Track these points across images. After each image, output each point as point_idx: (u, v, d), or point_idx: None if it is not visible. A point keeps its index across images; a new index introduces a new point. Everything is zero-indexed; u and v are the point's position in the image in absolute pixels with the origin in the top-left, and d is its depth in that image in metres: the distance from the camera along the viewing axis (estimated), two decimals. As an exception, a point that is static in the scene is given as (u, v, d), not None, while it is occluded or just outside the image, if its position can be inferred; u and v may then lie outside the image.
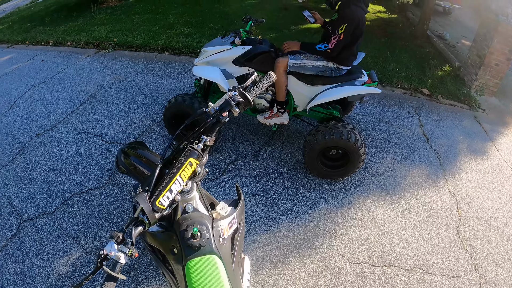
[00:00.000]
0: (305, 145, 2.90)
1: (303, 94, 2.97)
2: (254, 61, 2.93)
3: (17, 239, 2.75)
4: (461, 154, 3.64)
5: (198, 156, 1.13)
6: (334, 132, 2.69)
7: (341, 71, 2.83)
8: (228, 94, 1.21)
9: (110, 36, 6.44)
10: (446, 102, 4.58)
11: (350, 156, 2.80)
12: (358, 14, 2.56)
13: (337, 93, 2.77)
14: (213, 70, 2.94)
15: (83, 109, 4.25)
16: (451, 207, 2.96)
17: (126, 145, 1.80)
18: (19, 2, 13.33)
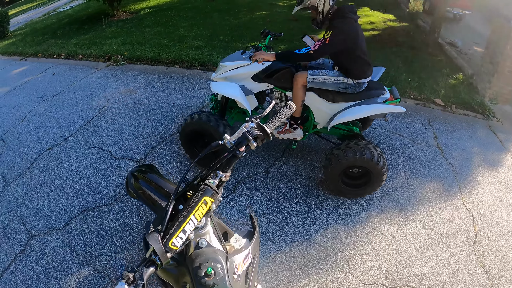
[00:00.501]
0: (330, 159, 2.78)
1: (324, 111, 2.91)
2: (274, 77, 2.88)
3: (26, 254, 2.76)
4: (477, 166, 3.54)
5: (213, 194, 1.09)
6: (366, 152, 2.62)
7: (362, 86, 2.77)
8: (245, 125, 1.15)
9: (121, 49, 6.51)
10: (459, 112, 4.47)
11: (373, 178, 2.74)
12: (344, 24, 2.52)
13: (360, 112, 2.70)
14: (232, 86, 2.89)
15: (93, 124, 4.27)
16: (467, 223, 2.87)
17: (136, 168, 1.78)
18: (32, 15, 13.65)
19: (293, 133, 3.01)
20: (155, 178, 1.65)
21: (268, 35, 3.27)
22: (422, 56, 6.10)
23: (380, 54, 5.98)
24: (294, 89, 2.80)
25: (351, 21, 2.56)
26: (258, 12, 8.81)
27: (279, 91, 2.98)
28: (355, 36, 2.58)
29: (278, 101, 3.04)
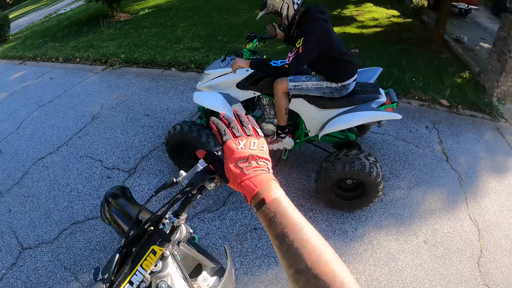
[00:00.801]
0: (320, 172, 2.64)
1: (315, 119, 2.74)
2: (259, 84, 2.72)
3: (17, 268, 2.72)
4: (484, 173, 3.35)
5: (162, 242, 0.96)
6: (355, 164, 2.44)
7: (348, 87, 2.57)
8: (199, 164, 0.97)
9: (118, 52, 6.42)
10: (466, 113, 4.27)
11: (367, 190, 2.57)
12: (313, 28, 2.30)
13: (351, 120, 2.52)
14: (214, 96, 2.75)
15: (86, 131, 4.19)
16: (472, 237, 2.70)
17: (110, 192, 1.69)
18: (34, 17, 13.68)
19: (281, 142, 2.86)
20: (126, 206, 1.56)
21: (254, 39, 3.08)
22: (427, 54, 5.90)
23: (383, 52, 5.80)
24: (275, 97, 2.65)
25: (321, 22, 2.33)
26: (258, 10, 8.61)
27: (267, 98, 2.83)
28: (328, 37, 2.35)
29: (267, 108, 2.89)
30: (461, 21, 8.86)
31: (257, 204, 0.69)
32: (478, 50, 6.58)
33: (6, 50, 8.81)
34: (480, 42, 7.19)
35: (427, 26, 7.59)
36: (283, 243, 0.63)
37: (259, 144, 0.79)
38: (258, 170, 0.73)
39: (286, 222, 0.65)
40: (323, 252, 0.61)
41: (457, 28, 8.04)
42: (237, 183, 0.74)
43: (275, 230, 0.65)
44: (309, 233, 0.64)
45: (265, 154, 0.77)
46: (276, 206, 0.67)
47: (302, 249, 0.61)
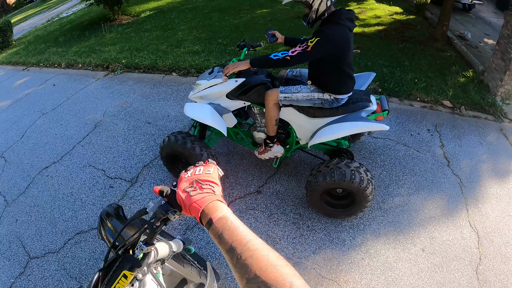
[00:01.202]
0: (306, 186, 2.70)
1: (305, 127, 2.74)
2: (249, 94, 2.74)
3: (25, 277, 2.80)
4: (485, 177, 3.31)
5: (133, 267, 1.02)
6: (335, 173, 2.46)
7: (340, 100, 2.56)
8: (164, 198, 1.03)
9: (119, 57, 6.47)
10: (469, 114, 4.22)
11: (356, 197, 2.57)
12: (335, 31, 2.22)
13: (339, 131, 2.50)
14: (203, 108, 2.75)
15: (88, 140, 4.25)
16: (471, 244, 2.69)
17: (105, 211, 1.76)
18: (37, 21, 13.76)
19: (271, 151, 2.88)
20: (118, 226, 1.63)
21: (244, 48, 3.04)
22: (429, 52, 5.84)
23: (385, 52, 5.76)
24: (266, 107, 2.65)
25: (345, 29, 2.25)
26: (259, 10, 8.62)
27: (257, 107, 2.85)
28: (345, 47, 2.28)
29: (258, 117, 2.92)
30: (464, 16, 8.75)
31: (207, 224, 0.78)
32: (482, 46, 6.50)
33: (9, 56, 8.90)
34: (485, 38, 7.08)
35: (430, 22, 7.51)
36: (233, 256, 0.70)
37: (205, 169, 0.93)
38: (203, 193, 0.84)
39: (233, 237, 0.72)
40: (270, 259, 0.67)
41: (460, 24, 7.95)
42: (187, 207, 0.84)
43: (224, 246, 0.73)
44: (256, 243, 0.71)
45: (210, 177, 0.90)
46: (223, 224, 0.76)
47: (250, 259, 0.67)
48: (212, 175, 0.92)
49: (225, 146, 3.74)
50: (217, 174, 0.94)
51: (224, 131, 2.71)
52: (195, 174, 0.92)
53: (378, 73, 4.99)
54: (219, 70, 2.78)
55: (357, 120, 2.50)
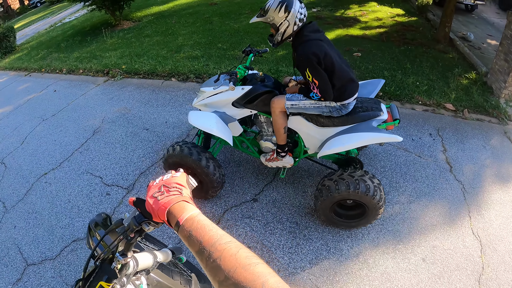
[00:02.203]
0: (321, 189, 2.56)
1: (313, 137, 2.67)
2: (255, 102, 2.67)
3: (22, 283, 2.79)
4: (489, 183, 3.23)
5: (109, 278, 1.02)
6: (360, 186, 2.37)
7: (348, 106, 2.48)
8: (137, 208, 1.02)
9: (119, 62, 6.48)
10: (472, 117, 4.14)
11: (368, 212, 2.52)
12: (308, 50, 2.22)
13: (350, 142, 2.42)
14: (208, 117, 2.69)
15: (87, 146, 4.24)
16: (474, 253, 2.62)
17: (94, 221, 1.74)
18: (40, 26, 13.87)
19: (281, 161, 2.82)
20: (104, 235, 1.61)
21: (250, 54, 3.01)
22: (432, 54, 5.78)
23: (387, 55, 5.71)
24: (272, 116, 2.60)
25: (316, 42, 2.27)
26: (259, 14, 8.59)
27: (264, 115, 2.78)
28: (325, 57, 2.25)
29: (264, 125, 2.84)
30: (467, 17, 8.67)
31: (175, 226, 0.76)
32: (485, 47, 6.42)
33: (12, 61, 8.97)
34: (487, 39, 7.01)
35: (432, 24, 7.44)
36: (202, 258, 0.68)
37: (172, 173, 0.94)
38: (170, 195, 0.83)
39: (201, 237, 0.70)
40: (239, 259, 0.64)
41: (463, 25, 7.88)
42: (155, 212, 0.82)
43: (194, 247, 0.70)
44: (225, 242, 0.69)
45: (176, 180, 0.90)
46: (190, 225, 0.74)
47: (219, 260, 0.65)
48: (178, 178, 0.92)
49: (222, 153, 3.71)
50: (185, 179, 0.94)
51: (230, 141, 2.65)
52: (162, 180, 0.92)
53: (379, 76, 4.93)
54: (225, 78, 2.71)
55: (368, 131, 2.42)
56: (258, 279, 0.60)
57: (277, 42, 2.44)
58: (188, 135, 4.06)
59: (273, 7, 2.27)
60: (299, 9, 2.29)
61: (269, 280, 0.59)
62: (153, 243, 1.85)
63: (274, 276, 0.61)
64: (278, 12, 2.27)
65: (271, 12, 2.29)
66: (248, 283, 0.59)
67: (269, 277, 0.60)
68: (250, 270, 0.61)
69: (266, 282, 0.59)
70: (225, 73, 2.81)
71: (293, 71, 5.11)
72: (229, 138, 2.63)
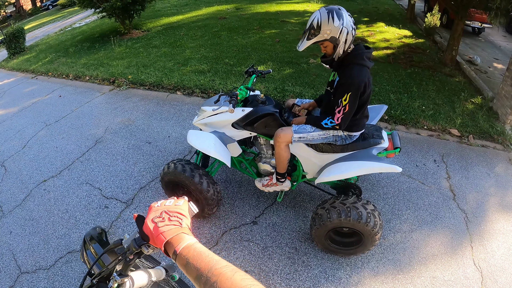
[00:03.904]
0: (315, 218, 2.55)
1: (312, 162, 2.64)
2: (255, 124, 2.63)
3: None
4: (492, 212, 3.19)
5: None
6: (352, 213, 2.34)
7: (352, 137, 2.47)
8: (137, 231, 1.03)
9: (126, 72, 6.52)
10: (477, 143, 4.12)
11: (364, 239, 2.48)
12: (362, 77, 2.10)
13: (349, 170, 2.39)
14: (207, 138, 2.66)
15: (88, 156, 4.22)
16: (474, 285, 2.56)
17: (89, 234, 1.73)
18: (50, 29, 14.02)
19: (280, 185, 2.79)
20: (99, 250, 1.61)
21: (253, 75, 2.99)
22: (438, 77, 5.79)
23: (393, 77, 5.72)
24: (276, 148, 2.54)
25: (367, 71, 2.14)
26: (268, 30, 8.68)
27: (264, 138, 2.76)
28: (367, 89, 2.18)
29: (264, 148, 2.82)
30: (474, 40, 8.75)
31: (173, 255, 0.80)
32: (491, 71, 6.46)
33: (20, 63, 9.04)
34: (494, 62, 7.06)
35: (439, 46, 7.49)
36: (200, 283, 0.71)
37: (175, 201, 0.96)
38: (170, 225, 0.86)
39: (199, 264, 0.74)
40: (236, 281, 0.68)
41: (470, 48, 7.94)
42: (154, 238, 0.85)
43: (191, 274, 0.74)
44: (220, 267, 0.72)
45: (178, 209, 0.93)
46: (186, 253, 0.77)
47: (216, 284, 0.68)
48: (181, 207, 0.94)
49: (224, 173, 3.68)
50: (187, 208, 0.97)
51: (228, 163, 2.60)
52: (164, 205, 0.94)
53: (385, 99, 4.94)
54: (226, 99, 2.67)
55: (368, 159, 2.39)
56: None
57: (338, 57, 2.20)
58: (190, 152, 4.05)
59: (325, 19, 2.06)
60: (349, 17, 2.12)
61: None
62: (148, 260, 1.82)
63: None
64: (333, 22, 2.06)
65: (325, 25, 2.07)
66: None
67: None
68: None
69: None
70: (225, 94, 2.75)
71: (298, 91, 5.12)
72: (227, 159, 2.60)
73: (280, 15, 10.29)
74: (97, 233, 1.74)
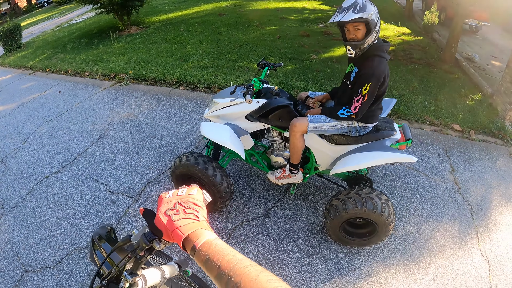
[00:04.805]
0: (329, 209, 2.54)
1: (326, 153, 2.64)
2: (269, 116, 2.62)
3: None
4: (496, 204, 3.23)
5: None
6: (367, 203, 2.34)
7: (366, 129, 2.47)
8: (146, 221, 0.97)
9: (126, 67, 6.45)
10: (478, 138, 4.17)
11: (378, 229, 2.48)
12: (382, 68, 2.12)
13: (364, 161, 2.39)
14: (222, 129, 2.64)
15: (91, 151, 4.16)
16: (482, 273, 2.59)
17: (97, 234, 1.69)
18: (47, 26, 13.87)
19: (293, 177, 2.77)
20: (108, 249, 1.56)
21: (265, 67, 2.98)
22: (438, 74, 5.83)
23: (395, 74, 5.73)
24: (291, 137, 2.53)
25: (386, 64, 2.16)
26: (268, 27, 8.65)
27: (277, 130, 2.74)
28: (385, 81, 2.20)
29: (277, 140, 2.80)
30: (472, 38, 8.82)
31: (191, 251, 0.74)
32: (489, 69, 6.51)
33: (17, 59, 8.91)
34: (492, 60, 7.13)
35: (438, 44, 7.54)
36: (221, 282, 0.65)
37: (188, 191, 0.88)
38: (186, 218, 0.78)
39: (220, 262, 0.68)
40: (261, 283, 0.62)
41: (467, 45, 7.99)
42: (169, 233, 0.78)
43: (211, 272, 0.68)
44: (244, 266, 0.66)
45: (193, 199, 0.85)
46: (207, 249, 0.71)
47: (239, 285, 0.62)
48: (195, 197, 0.86)
49: (232, 167, 3.65)
50: (201, 196, 0.89)
51: (242, 155, 2.58)
52: (177, 196, 0.86)
53: (387, 95, 4.94)
54: (242, 90, 2.66)
55: (382, 150, 2.40)
56: None
57: (367, 44, 2.16)
58: (197, 146, 4.00)
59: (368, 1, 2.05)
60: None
61: None
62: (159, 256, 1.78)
63: None
64: (372, 7, 2.05)
65: (369, 7, 2.04)
66: None
67: None
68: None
69: None
70: (241, 85, 2.76)
71: (302, 86, 5.10)
72: (241, 152, 2.58)
73: (279, 12, 10.26)
74: (106, 231, 1.69)
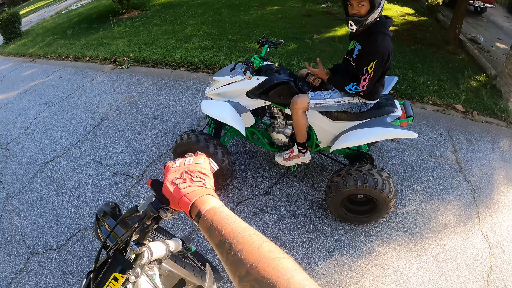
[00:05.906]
0: (330, 186, 2.55)
1: (327, 130, 2.63)
2: (270, 93, 2.61)
3: (26, 273, 2.74)
4: (498, 185, 3.22)
5: (124, 269, 0.97)
6: (368, 180, 2.34)
7: (368, 105, 2.45)
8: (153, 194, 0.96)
9: (127, 51, 6.40)
10: (481, 119, 4.14)
11: (379, 206, 2.48)
12: (386, 45, 2.09)
13: (365, 137, 2.39)
14: (223, 106, 2.63)
15: (94, 134, 4.18)
16: (483, 253, 2.61)
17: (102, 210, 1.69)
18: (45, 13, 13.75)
19: (302, 157, 2.76)
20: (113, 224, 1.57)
21: (265, 45, 2.94)
22: (442, 55, 5.73)
23: (398, 53, 5.63)
24: (293, 115, 2.51)
25: (390, 40, 2.13)
26: (269, 7, 8.50)
27: (277, 107, 2.73)
28: (389, 58, 2.17)
29: (277, 117, 2.79)
30: (476, 19, 8.61)
31: (196, 218, 0.72)
32: (494, 51, 6.39)
33: (17, 47, 8.87)
34: (496, 42, 6.98)
35: (442, 25, 7.39)
36: (223, 251, 0.64)
37: (195, 160, 0.87)
38: (193, 186, 0.78)
39: (223, 229, 0.66)
40: (262, 253, 0.59)
41: (472, 27, 7.82)
42: (176, 201, 0.77)
43: (214, 239, 0.66)
44: (248, 235, 0.64)
45: (200, 168, 0.84)
46: (211, 215, 0.70)
47: (241, 254, 0.60)
48: (202, 165, 0.86)
49: (234, 145, 3.66)
50: (208, 165, 0.88)
51: (243, 132, 2.59)
52: (184, 165, 0.85)
53: (390, 74, 4.88)
54: (242, 67, 2.63)
55: (383, 126, 2.38)
56: (282, 275, 0.55)
57: (370, 21, 2.10)
58: (198, 126, 4.00)
59: None
60: None
61: (295, 276, 0.54)
62: (162, 234, 1.80)
63: (301, 273, 0.56)
64: None
65: None
66: (271, 279, 0.54)
67: (295, 273, 0.55)
68: (274, 265, 0.56)
69: (292, 278, 0.53)
70: (241, 62, 2.73)
71: (304, 66, 5.04)
72: (242, 129, 2.59)
73: (281, -8, 10.05)
74: (110, 208, 1.69)
